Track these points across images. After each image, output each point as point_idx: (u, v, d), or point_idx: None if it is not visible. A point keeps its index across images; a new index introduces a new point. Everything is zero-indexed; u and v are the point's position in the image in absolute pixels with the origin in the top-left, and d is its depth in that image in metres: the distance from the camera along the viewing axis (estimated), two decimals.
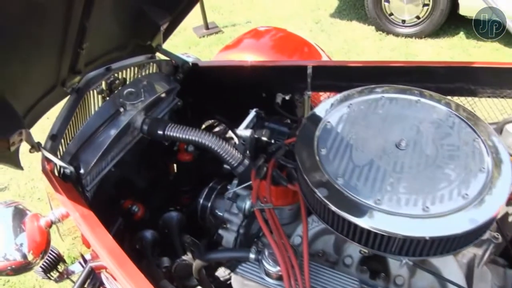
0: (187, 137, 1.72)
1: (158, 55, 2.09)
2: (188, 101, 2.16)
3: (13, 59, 1.32)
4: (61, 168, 1.56)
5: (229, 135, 2.42)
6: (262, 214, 1.43)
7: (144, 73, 1.99)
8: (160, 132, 1.76)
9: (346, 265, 1.45)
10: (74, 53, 1.54)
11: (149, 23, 1.86)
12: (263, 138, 1.68)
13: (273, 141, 1.68)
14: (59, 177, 1.56)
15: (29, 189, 3.69)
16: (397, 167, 1.28)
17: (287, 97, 2.13)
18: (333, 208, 1.18)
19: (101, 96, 1.79)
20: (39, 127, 1.62)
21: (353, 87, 1.62)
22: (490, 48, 5.15)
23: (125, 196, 1.89)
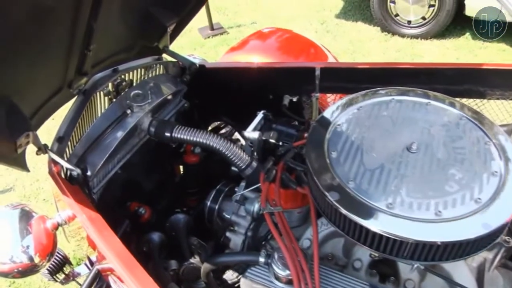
0: (194, 139, 1.72)
1: (164, 56, 2.08)
2: (195, 102, 2.15)
3: (20, 61, 1.31)
4: (67, 170, 1.55)
5: (235, 137, 2.41)
6: (272, 217, 1.42)
7: (151, 75, 1.98)
8: (167, 134, 1.75)
9: (355, 269, 1.43)
10: (81, 55, 1.53)
11: (156, 24, 1.86)
12: (271, 140, 1.66)
13: (281, 143, 1.67)
14: (65, 179, 1.55)
15: (34, 190, 3.69)
16: (408, 171, 1.27)
17: (294, 99, 2.11)
18: (345, 212, 1.17)
19: (108, 98, 1.78)
20: (45, 128, 1.61)
21: (361, 89, 1.60)
22: (497, 49, 5.12)
23: (131, 198, 1.88)
